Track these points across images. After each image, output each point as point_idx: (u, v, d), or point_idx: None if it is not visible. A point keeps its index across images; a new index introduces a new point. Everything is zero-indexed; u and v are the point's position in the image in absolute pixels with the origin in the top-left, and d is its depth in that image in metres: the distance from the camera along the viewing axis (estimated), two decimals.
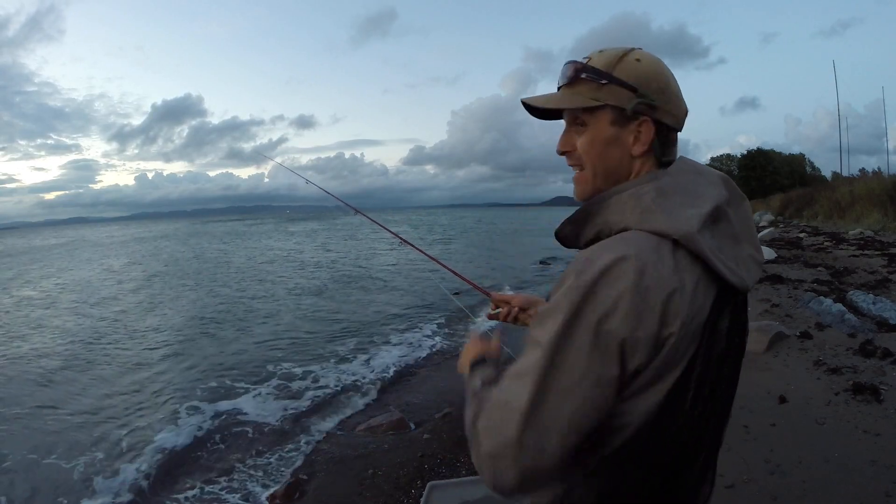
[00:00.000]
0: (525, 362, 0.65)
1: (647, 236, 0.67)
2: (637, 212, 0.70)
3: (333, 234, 36.20)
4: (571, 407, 0.62)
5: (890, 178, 16.69)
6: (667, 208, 0.69)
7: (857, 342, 3.87)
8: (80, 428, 4.45)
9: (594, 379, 0.62)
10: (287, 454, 3.81)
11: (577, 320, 0.63)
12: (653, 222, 0.68)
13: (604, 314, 0.62)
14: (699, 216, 0.69)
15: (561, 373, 0.62)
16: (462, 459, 3.32)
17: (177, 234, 50.54)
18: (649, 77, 0.76)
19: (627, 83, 0.75)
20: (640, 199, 0.71)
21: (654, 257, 0.64)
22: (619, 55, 0.77)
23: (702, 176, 0.76)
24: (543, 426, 0.62)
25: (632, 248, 0.65)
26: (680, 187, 0.72)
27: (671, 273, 0.64)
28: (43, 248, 37.58)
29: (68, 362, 6.61)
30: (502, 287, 10.84)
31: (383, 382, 5.32)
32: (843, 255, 8.80)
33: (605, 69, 0.76)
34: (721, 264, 0.68)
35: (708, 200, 0.72)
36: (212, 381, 5.50)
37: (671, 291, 0.63)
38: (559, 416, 0.62)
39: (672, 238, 0.66)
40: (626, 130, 0.76)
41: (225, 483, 3.45)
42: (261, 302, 10.47)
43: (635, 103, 0.75)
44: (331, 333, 7.54)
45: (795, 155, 42.42)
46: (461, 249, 22.18)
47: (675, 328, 0.64)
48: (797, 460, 2.41)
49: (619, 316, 0.62)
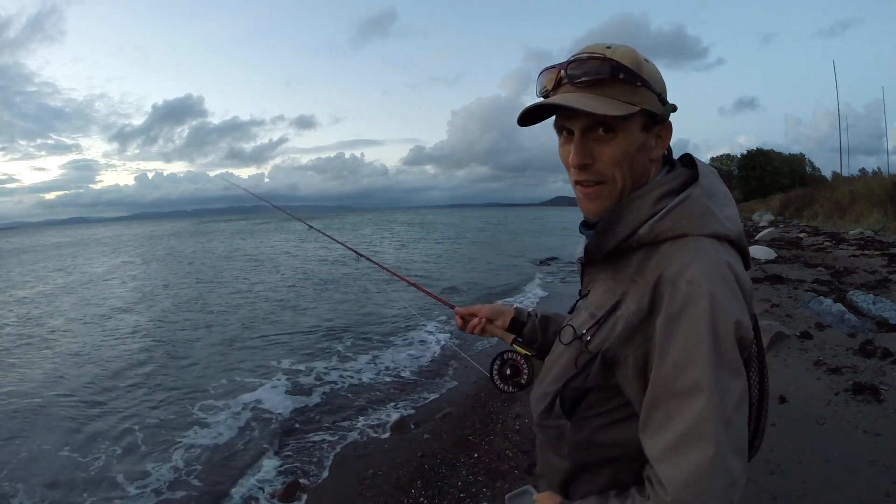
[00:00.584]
0: (692, 415, 0.63)
1: (714, 242, 0.70)
2: (695, 217, 0.70)
3: (338, 233, 36.14)
4: (744, 419, 0.66)
5: (890, 178, 16.70)
6: (715, 211, 0.71)
7: (857, 342, 3.87)
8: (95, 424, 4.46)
9: (745, 384, 0.67)
10: (287, 455, 3.81)
11: (720, 339, 0.64)
12: (713, 226, 0.70)
13: (735, 326, 0.65)
14: (737, 214, 0.74)
15: (729, 393, 0.63)
16: (462, 459, 3.32)
17: (184, 232, 51.06)
18: (661, 78, 0.77)
19: (654, 87, 0.73)
20: (696, 205, 0.71)
21: (732, 261, 0.69)
22: (639, 55, 0.74)
23: (714, 174, 0.79)
24: (739, 455, 0.65)
25: (714, 256, 0.68)
26: (714, 187, 0.75)
27: (742, 271, 0.70)
28: (56, 246, 38.32)
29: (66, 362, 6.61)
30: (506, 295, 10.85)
31: (383, 382, 5.32)
32: (843, 255, 8.80)
33: (636, 70, 0.72)
34: (748, 255, 0.75)
35: (731, 198, 0.77)
36: (212, 381, 5.51)
37: (748, 288, 0.70)
38: (741, 435, 0.65)
39: (729, 239, 0.72)
40: (650, 135, 0.75)
41: (225, 485, 3.45)
42: (258, 301, 10.48)
43: (665, 108, 0.75)
44: (331, 333, 7.53)
45: (795, 155, 42.44)
46: (463, 249, 22.20)
47: (754, 321, 0.72)
48: (797, 460, 2.41)
49: (742, 323, 0.66)
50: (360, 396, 4.93)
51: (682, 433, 0.63)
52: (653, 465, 0.66)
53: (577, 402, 0.76)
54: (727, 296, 0.65)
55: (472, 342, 6.33)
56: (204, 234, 45.93)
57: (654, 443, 0.66)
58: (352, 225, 52.47)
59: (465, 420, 4.03)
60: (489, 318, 1.15)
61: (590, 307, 0.80)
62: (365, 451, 3.69)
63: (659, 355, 0.66)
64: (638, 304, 0.69)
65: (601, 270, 0.80)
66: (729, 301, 0.65)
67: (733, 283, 0.67)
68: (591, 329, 0.76)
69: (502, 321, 1.14)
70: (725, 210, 0.73)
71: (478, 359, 6.04)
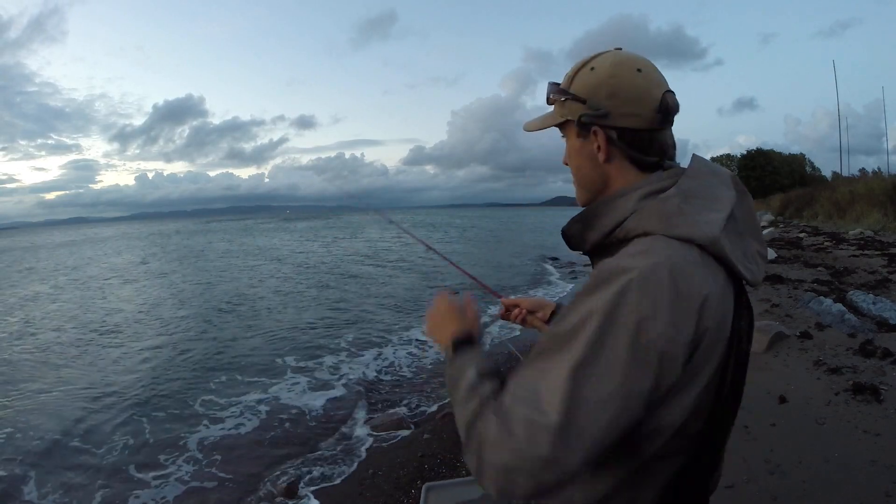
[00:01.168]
0: (552, 370, 0.61)
1: (674, 242, 0.66)
2: (662, 217, 0.69)
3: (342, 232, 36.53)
4: (605, 420, 0.59)
5: (890, 178, 16.70)
6: (690, 213, 0.68)
7: (857, 342, 3.87)
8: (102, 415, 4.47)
9: (629, 390, 0.59)
10: (287, 455, 3.81)
11: (613, 328, 0.60)
12: (679, 228, 0.67)
13: (642, 321, 0.60)
14: (721, 220, 0.68)
15: (596, 384, 0.59)
16: (462, 459, 3.32)
17: (186, 230, 51.86)
18: (598, 85, 0.76)
19: (579, 96, 0.77)
20: (666, 204, 0.70)
21: (686, 264, 0.64)
22: (577, 68, 0.79)
23: (716, 177, 0.75)
24: (573, 443, 0.58)
25: (663, 255, 0.64)
26: (701, 190, 0.72)
27: (703, 279, 0.64)
28: (71, 244, 39.22)
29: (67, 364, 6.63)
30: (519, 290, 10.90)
31: (383, 382, 5.33)
32: (843, 255, 8.80)
33: (564, 85, 0.80)
34: (741, 265, 0.69)
35: (726, 203, 0.72)
36: (213, 380, 5.52)
37: (704, 297, 0.63)
38: (591, 431, 0.58)
39: (698, 244, 0.66)
40: (589, 141, 0.78)
41: (226, 485, 3.45)
42: (260, 299, 10.49)
43: (579, 116, 0.77)
44: (332, 331, 7.53)
45: (795, 155, 42.44)
46: (467, 249, 22.27)
47: (706, 333, 0.64)
48: (797, 460, 2.41)
49: (660, 324, 0.60)
50: (361, 396, 4.94)
51: (533, 379, 0.62)
52: (507, 385, 0.65)
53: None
54: (645, 293, 0.61)
55: None
56: (215, 231, 46.91)
57: (520, 371, 0.65)
58: (353, 224, 52.58)
59: None
60: (530, 310, 1.19)
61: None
62: (365, 451, 3.70)
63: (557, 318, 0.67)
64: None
65: (595, 263, 0.82)
66: (643, 300, 0.60)
67: (664, 286, 0.61)
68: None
69: (543, 314, 1.17)
70: (705, 214, 0.68)
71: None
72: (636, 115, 0.74)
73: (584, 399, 0.58)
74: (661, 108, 0.74)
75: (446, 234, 35.24)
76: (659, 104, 0.74)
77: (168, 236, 43.40)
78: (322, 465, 3.60)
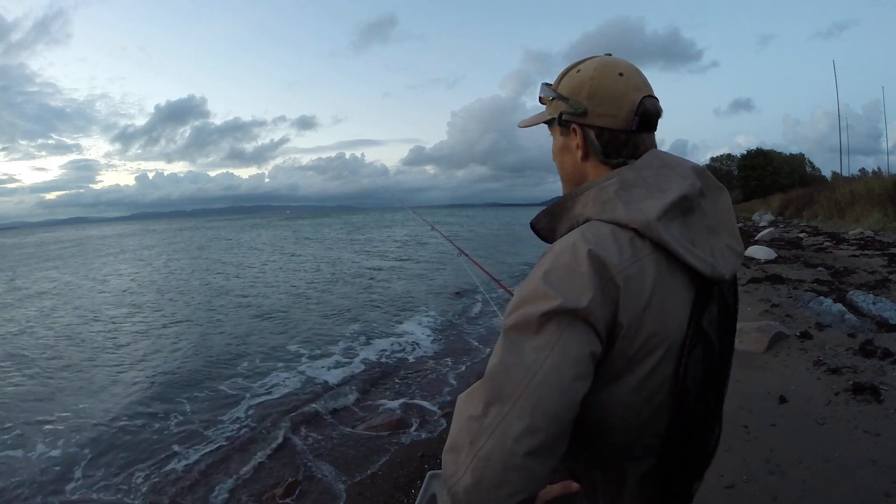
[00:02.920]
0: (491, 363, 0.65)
1: (603, 225, 0.70)
2: (598, 203, 0.73)
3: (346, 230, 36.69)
4: (551, 387, 0.61)
5: (890, 177, 16.69)
6: (626, 200, 0.71)
7: (857, 342, 3.86)
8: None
9: (570, 356, 0.62)
10: (286, 454, 3.81)
11: (542, 303, 0.64)
12: (611, 212, 0.71)
13: (560, 293, 0.63)
14: (660, 206, 0.69)
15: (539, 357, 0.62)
16: None
17: (192, 228, 52.95)
18: (581, 85, 0.79)
19: (563, 96, 0.81)
20: (602, 192, 0.74)
21: (609, 243, 0.67)
22: (566, 71, 0.84)
23: (669, 168, 0.76)
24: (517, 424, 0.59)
25: (587, 235, 0.68)
26: (642, 180, 0.74)
27: (628, 259, 0.66)
28: (88, 241, 40.18)
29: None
30: None
31: (384, 382, 5.32)
32: (843, 255, 8.79)
33: (553, 86, 0.84)
34: (687, 252, 0.68)
35: (673, 191, 0.72)
36: (213, 380, 5.52)
37: (627, 277, 0.65)
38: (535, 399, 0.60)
39: (631, 227, 0.69)
40: (570, 138, 0.82)
41: (225, 485, 3.45)
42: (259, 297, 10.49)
43: (559, 113, 0.81)
44: (331, 331, 7.53)
45: (795, 155, 42.46)
46: (480, 246, 22.41)
47: (632, 315, 0.65)
48: (797, 460, 2.41)
49: (575, 296, 0.63)
50: (361, 396, 4.94)
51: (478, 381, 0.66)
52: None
53: None
54: (561, 267, 0.66)
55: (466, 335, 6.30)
56: (218, 229, 47.73)
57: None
58: (354, 223, 52.71)
59: None
60: None
61: None
62: (365, 451, 3.69)
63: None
64: None
65: None
66: (559, 272, 0.65)
67: (576, 257, 0.65)
68: None
69: None
70: (642, 201, 0.70)
71: (477, 357, 6.04)
72: (613, 115, 0.77)
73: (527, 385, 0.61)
74: (638, 110, 0.77)
75: (462, 230, 35.31)
76: (636, 107, 0.77)
77: (195, 230, 45.04)
78: (322, 465, 3.59)
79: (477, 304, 9.11)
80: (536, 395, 0.60)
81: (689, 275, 0.70)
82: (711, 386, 0.74)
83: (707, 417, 0.76)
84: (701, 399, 0.72)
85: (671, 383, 0.69)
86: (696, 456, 0.77)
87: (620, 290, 0.65)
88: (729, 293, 0.77)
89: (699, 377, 0.70)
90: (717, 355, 0.73)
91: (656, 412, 0.70)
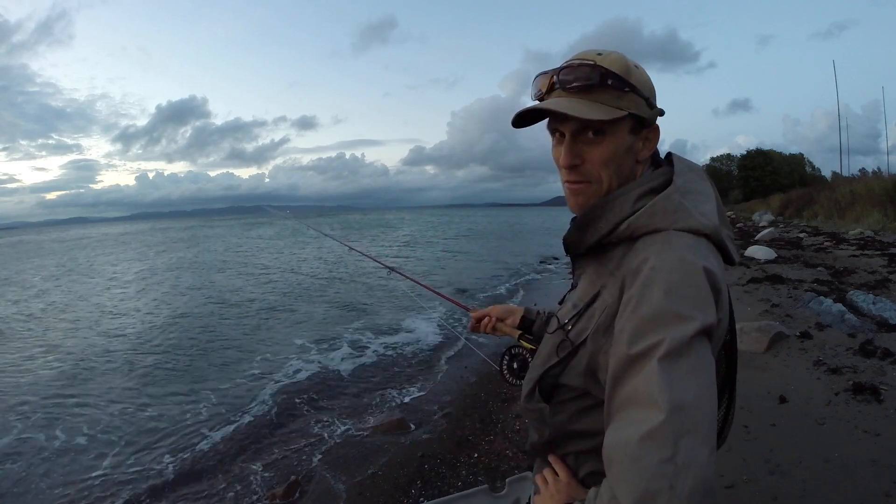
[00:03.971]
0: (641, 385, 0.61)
1: (688, 236, 0.71)
2: (669, 213, 0.73)
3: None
4: (712, 406, 0.61)
5: (890, 177, 16.68)
6: (691, 207, 0.73)
7: (857, 342, 3.86)
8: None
9: (713, 373, 0.63)
10: (286, 454, 3.80)
11: (685, 324, 0.62)
12: (687, 221, 0.72)
13: (696, 311, 0.64)
14: (714, 210, 0.75)
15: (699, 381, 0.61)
16: (462, 459, 3.32)
17: (196, 227, 53.88)
18: (648, 84, 0.78)
19: (642, 92, 0.76)
20: (669, 201, 0.73)
21: (708, 255, 0.70)
22: (629, 61, 0.77)
23: (695, 172, 0.80)
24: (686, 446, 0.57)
25: (686, 249, 0.69)
26: (690, 184, 0.76)
27: (716, 265, 0.70)
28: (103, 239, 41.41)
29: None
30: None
31: (384, 381, 5.32)
32: (843, 255, 8.79)
33: (624, 76, 0.75)
34: (732, 249, 0.76)
35: (710, 193, 0.78)
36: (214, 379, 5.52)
37: (720, 281, 0.69)
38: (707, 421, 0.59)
39: (704, 234, 0.72)
40: (638, 137, 0.79)
41: (227, 486, 3.45)
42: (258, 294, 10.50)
43: (652, 112, 0.79)
44: (332, 330, 7.53)
45: (795, 155, 42.47)
46: (471, 249, 22.30)
47: (723, 315, 0.70)
48: (797, 460, 2.41)
49: (709, 310, 0.65)
50: (361, 395, 4.93)
51: (630, 401, 0.62)
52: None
53: (555, 388, 0.80)
54: (684, 284, 0.66)
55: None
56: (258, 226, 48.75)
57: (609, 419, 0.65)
58: (353, 222, 52.77)
59: (465, 420, 4.03)
60: (500, 318, 1.23)
61: (573, 299, 0.85)
62: (365, 451, 3.69)
63: (617, 334, 0.67)
64: (612, 297, 0.73)
65: (588, 265, 0.84)
66: (685, 290, 0.65)
67: (695, 274, 0.66)
68: (572, 319, 0.80)
69: (512, 319, 1.22)
70: (701, 206, 0.74)
71: (477, 358, 6.04)
72: (659, 114, 0.81)
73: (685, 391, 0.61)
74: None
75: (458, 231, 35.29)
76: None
77: (199, 228, 46.12)
78: (322, 465, 3.59)
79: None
80: (709, 419, 0.60)
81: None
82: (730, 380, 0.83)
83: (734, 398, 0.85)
84: (734, 380, 0.82)
85: (723, 370, 0.79)
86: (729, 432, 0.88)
87: (720, 294, 0.68)
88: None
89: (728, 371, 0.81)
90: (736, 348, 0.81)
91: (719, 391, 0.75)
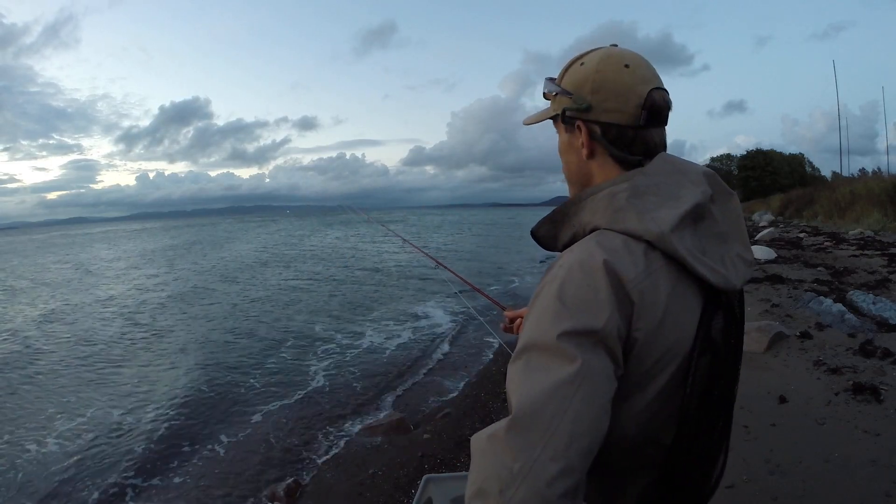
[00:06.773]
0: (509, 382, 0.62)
1: (616, 236, 0.66)
2: (609, 212, 0.68)
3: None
4: (579, 421, 0.57)
5: (890, 177, 16.68)
6: (639, 209, 0.66)
7: (857, 342, 3.86)
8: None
9: (590, 385, 0.58)
10: (286, 454, 3.81)
11: (556, 322, 0.60)
12: (624, 222, 0.66)
13: (576, 312, 0.60)
14: (674, 217, 0.65)
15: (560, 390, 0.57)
16: (462, 459, 3.32)
17: (197, 226, 54.94)
18: (585, 79, 0.74)
19: (566, 91, 0.76)
20: (614, 199, 0.69)
21: (623, 256, 0.63)
22: (569, 64, 0.79)
23: (682, 174, 0.72)
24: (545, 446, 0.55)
25: (600, 247, 0.64)
26: (655, 187, 0.69)
27: (643, 273, 0.63)
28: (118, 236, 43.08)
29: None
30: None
31: (384, 381, 5.32)
32: (843, 255, 8.79)
33: (556, 80, 0.80)
34: (700, 264, 0.65)
35: (686, 200, 0.68)
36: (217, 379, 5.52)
37: (642, 292, 0.62)
38: (565, 435, 0.56)
39: (644, 239, 0.65)
40: (574, 136, 0.78)
41: (227, 486, 3.45)
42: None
43: (562, 109, 0.77)
44: (332, 330, 7.53)
45: (795, 155, 42.44)
46: (471, 249, 22.33)
47: (647, 332, 0.63)
48: (797, 460, 2.41)
49: (595, 313, 0.60)
50: (361, 395, 4.94)
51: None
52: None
53: None
54: (575, 285, 0.62)
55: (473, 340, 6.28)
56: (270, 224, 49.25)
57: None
58: (353, 222, 52.88)
59: (465, 420, 4.03)
60: None
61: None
62: (365, 451, 3.69)
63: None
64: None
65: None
66: (574, 290, 0.62)
67: (592, 274, 0.62)
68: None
69: None
70: (656, 210, 0.66)
71: (477, 358, 6.04)
72: (619, 110, 0.72)
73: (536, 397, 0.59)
74: (646, 104, 0.71)
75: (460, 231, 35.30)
76: (644, 101, 0.71)
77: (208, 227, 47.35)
78: (322, 465, 3.59)
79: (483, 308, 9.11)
80: (569, 434, 0.55)
81: (699, 284, 0.67)
82: (719, 397, 0.71)
83: (714, 431, 0.72)
84: (707, 408, 0.68)
85: (681, 396, 0.66)
86: (699, 471, 0.73)
87: (635, 305, 0.62)
88: (735, 301, 0.73)
89: (705, 387, 0.68)
90: (726, 364, 0.70)
91: (664, 424, 0.67)
